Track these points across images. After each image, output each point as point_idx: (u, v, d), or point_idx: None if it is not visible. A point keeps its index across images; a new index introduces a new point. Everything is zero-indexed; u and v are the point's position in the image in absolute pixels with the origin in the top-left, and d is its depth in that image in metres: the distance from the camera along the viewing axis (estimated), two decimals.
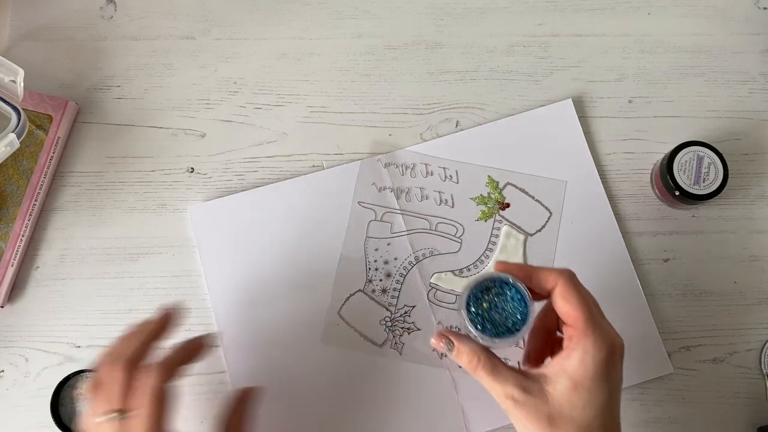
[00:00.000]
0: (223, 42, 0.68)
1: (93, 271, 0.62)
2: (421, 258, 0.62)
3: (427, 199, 0.63)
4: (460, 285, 0.61)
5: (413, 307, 0.61)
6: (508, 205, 0.63)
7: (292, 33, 0.68)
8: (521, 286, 0.47)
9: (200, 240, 0.62)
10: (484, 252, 0.62)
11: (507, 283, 0.48)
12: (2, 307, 0.61)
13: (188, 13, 0.68)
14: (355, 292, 0.61)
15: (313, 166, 0.65)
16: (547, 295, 0.48)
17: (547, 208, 0.63)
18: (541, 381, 0.45)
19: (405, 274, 0.62)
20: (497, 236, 0.62)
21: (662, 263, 0.63)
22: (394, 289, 0.61)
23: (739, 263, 0.63)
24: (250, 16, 0.68)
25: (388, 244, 0.62)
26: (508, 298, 0.48)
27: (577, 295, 0.45)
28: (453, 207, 0.63)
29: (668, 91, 0.67)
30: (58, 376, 0.59)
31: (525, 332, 0.47)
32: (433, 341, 0.49)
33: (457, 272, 0.62)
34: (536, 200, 0.63)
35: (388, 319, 0.61)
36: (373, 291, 0.61)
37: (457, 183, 0.63)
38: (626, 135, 0.66)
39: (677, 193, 0.60)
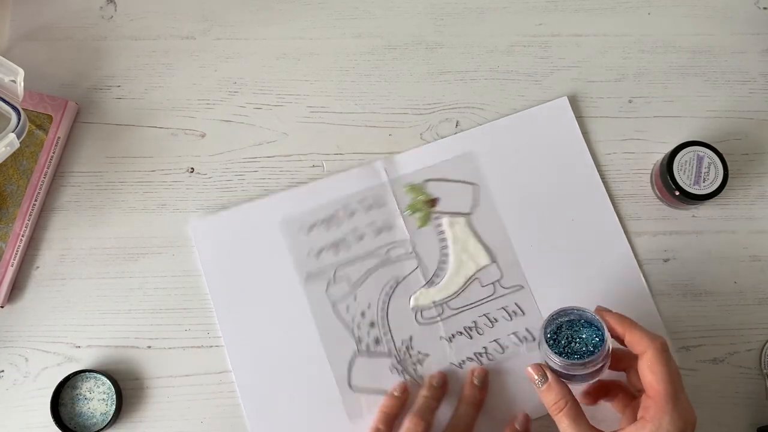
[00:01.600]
0: (223, 42, 0.68)
1: (93, 271, 0.62)
2: (390, 292, 0.61)
3: (363, 237, 0.62)
4: (438, 294, 0.61)
5: (410, 338, 0.60)
6: (437, 200, 0.63)
7: (292, 33, 0.68)
8: (590, 315, 0.49)
9: (203, 254, 0.62)
10: (441, 252, 0.62)
11: (573, 316, 0.50)
12: (2, 307, 0.61)
13: (188, 13, 0.68)
14: (353, 358, 0.60)
15: (313, 166, 0.65)
16: (630, 354, 0.50)
17: (468, 182, 0.63)
18: None
19: (385, 314, 0.61)
20: (443, 232, 0.62)
21: (662, 263, 0.63)
22: (385, 334, 0.60)
23: (739, 263, 0.63)
24: (250, 16, 0.68)
25: (355, 299, 0.61)
26: (580, 326, 0.50)
27: (665, 369, 0.47)
28: (391, 229, 0.62)
29: (668, 91, 0.67)
30: (58, 376, 0.59)
31: (606, 355, 0.49)
32: (529, 369, 0.50)
33: (427, 285, 0.62)
34: (456, 181, 0.63)
35: (397, 363, 0.60)
36: (368, 347, 0.60)
37: (381, 206, 0.63)
38: (626, 135, 0.66)
39: (677, 193, 0.60)
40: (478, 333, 0.61)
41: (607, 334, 0.49)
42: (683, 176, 0.60)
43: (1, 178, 0.62)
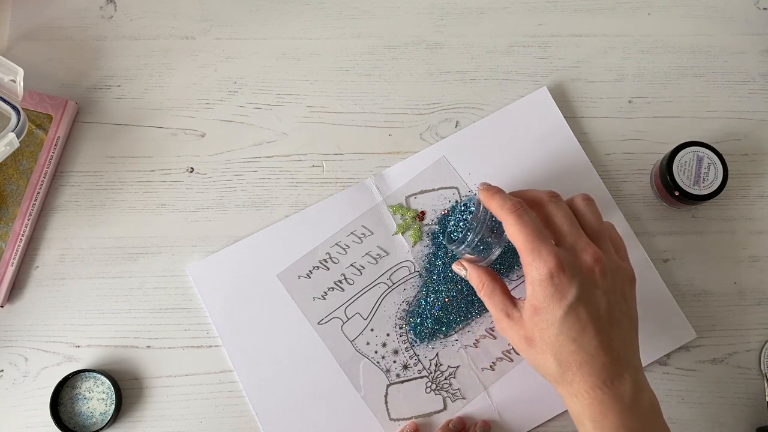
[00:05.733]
0: (223, 42, 0.68)
1: (93, 270, 0.63)
2: (404, 315, 0.61)
3: (363, 268, 0.62)
4: None
5: (437, 355, 0.60)
6: (423, 213, 0.63)
7: (292, 33, 0.68)
8: (471, 200, 0.55)
9: (207, 299, 0.61)
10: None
11: (463, 208, 0.56)
12: (2, 306, 0.61)
13: (188, 13, 0.68)
14: (387, 391, 0.60)
15: (313, 166, 0.65)
16: None
17: (449, 187, 0.63)
18: (521, 308, 0.50)
19: (406, 338, 0.61)
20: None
21: (662, 263, 0.63)
22: (411, 357, 0.60)
23: (739, 263, 0.63)
24: (250, 16, 0.68)
25: (371, 330, 0.61)
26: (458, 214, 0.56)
27: (515, 228, 0.49)
28: (388, 254, 0.62)
29: (668, 92, 0.67)
30: (58, 375, 0.59)
31: (482, 221, 0.53)
32: (453, 266, 0.56)
33: None
34: (437, 189, 0.63)
35: (430, 383, 0.60)
36: (398, 375, 0.60)
37: (373, 233, 0.62)
38: (626, 135, 0.66)
39: (677, 194, 0.60)
40: None
41: (477, 208, 0.53)
42: (683, 176, 0.60)
43: (1, 177, 0.62)
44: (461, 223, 0.55)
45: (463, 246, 0.54)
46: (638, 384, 0.48)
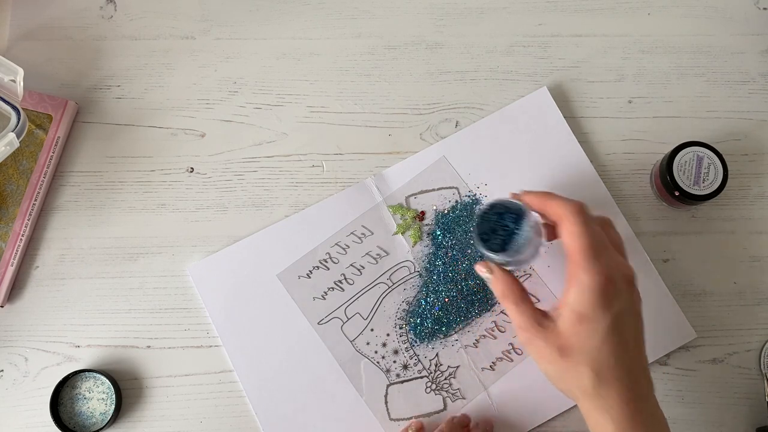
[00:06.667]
0: (223, 42, 0.68)
1: (92, 270, 0.63)
2: (404, 315, 0.61)
3: (363, 268, 0.62)
4: None
5: (437, 355, 0.60)
6: (423, 213, 0.63)
7: (292, 33, 0.68)
8: (510, 203, 0.51)
9: (207, 299, 0.61)
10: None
11: (501, 211, 0.51)
12: (2, 306, 0.61)
13: (188, 13, 0.68)
14: (387, 390, 0.60)
15: (313, 166, 0.65)
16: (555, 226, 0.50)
17: (449, 187, 0.63)
18: (554, 317, 0.48)
19: (406, 338, 0.61)
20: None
21: (662, 263, 0.63)
22: (411, 357, 0.60)
23: (739, 263, 0.63)
24: (250, 16, 0.68)
25: (371, 330, 0.61)
26: (508, 222, 0.51)
27: (579, 229, 0.47)
28: (388, 253, 0.62)
29: (668, 92, 0.67)
30: (58, 375, 0.59)
31: (530, 235, 0.50)
32: (477, 267, 0.53)
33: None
34: (437, 189, 0.63)
35: (430, 383, 0.60)
36: (398, 375, 0.60)
37: (373, 233, 0.62)
38: (626, 135, 0.66)
39: (677, 194, 0.60)
40: (500, 331, 0.61)
41: (528, 215, 0.50)
42: (683, 176, 0.60)
43: (1, 177, 0.62)
44: (499, 230, 0.51)
45: (502, 255, 0.51)
46: (655, 399, 0.48)
